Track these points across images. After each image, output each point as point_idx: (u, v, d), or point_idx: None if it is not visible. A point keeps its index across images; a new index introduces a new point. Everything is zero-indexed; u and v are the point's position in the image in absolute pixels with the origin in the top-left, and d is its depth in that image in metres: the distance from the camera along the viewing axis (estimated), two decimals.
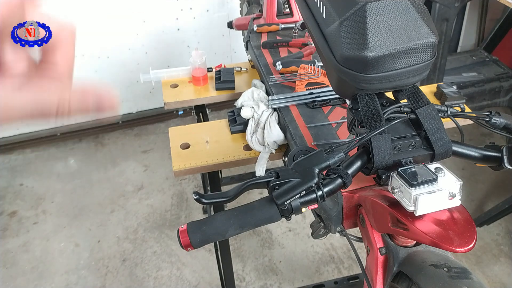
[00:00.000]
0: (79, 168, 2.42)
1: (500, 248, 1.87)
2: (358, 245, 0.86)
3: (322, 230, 0.91)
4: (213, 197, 0.65)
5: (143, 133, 2.65)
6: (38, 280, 1.85)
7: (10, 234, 2.06)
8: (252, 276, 1.82)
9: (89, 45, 2.41)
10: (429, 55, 0.68)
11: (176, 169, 1.16)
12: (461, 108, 0.81)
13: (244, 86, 1.47)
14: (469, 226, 0.62)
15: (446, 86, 1.31)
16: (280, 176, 0.63)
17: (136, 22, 2.42)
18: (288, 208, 0.62)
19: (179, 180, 2.29)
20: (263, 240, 1.96)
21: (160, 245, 1.96)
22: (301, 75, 1.25)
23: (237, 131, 1.26)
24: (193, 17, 2.51)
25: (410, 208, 0.62)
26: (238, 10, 2.28)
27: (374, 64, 0.66)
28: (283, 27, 1.57)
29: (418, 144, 0.69)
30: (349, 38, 0.67)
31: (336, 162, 0.65)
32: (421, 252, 0.74)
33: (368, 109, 0.70)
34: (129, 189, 2.26)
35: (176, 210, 2.14)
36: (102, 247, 1.97)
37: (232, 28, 1.83)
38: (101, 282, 1.83)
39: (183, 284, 1.81)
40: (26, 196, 2.26)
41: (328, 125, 1.10)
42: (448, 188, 0.63)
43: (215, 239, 0.63)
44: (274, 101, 1.20)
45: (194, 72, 1.49)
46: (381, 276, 0.79)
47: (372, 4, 0.65)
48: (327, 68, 0.79)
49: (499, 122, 0.72)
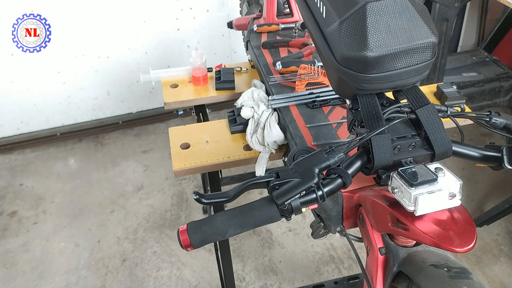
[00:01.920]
0: (79, 168, 2.42)
1: (500, 248, 1.87)
2: (358, 245, 0.86)
3: (322, 230, 0.91)
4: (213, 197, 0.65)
5: (143, 133, 2.65)
6: (38, 280, 1.85)
7: (10, 234, 2.06)
8: (252, 276, 1.82)
9: (89, 45, 2.41)
10: (429, 55, 0.68)
11: (176, 169, 1.16)
12: (461, 108, 0.81)
13: (244, 86, 1.47)
14: (469, 226, 0.62)
15: (446, 86, 1.31)
16: (280, 176, 0.63)
17: (136, 22, 2.42)
18: (288, 208, 0.62)
19: (179, 180, 2.29)
20: (263, 240, 1.96)
21: (160, 245, 1.96)
22: (301, 75, 1.25)
23: (237, 131, 1.26)
24: (193, 17, 2.51)
25: (410, 208, 0.62)
26: (238, 10, 2.28)
27: (374, 64, 0.66)
28: (283, 27, 1.57)
29: (418, 144, 0.69)
30: (349, 38, 0.67)
31: (336, 162, 0.65)
32: (421, 252, 0.74)
33: (368, 109, 0.70)
34: (129, 189, 2.26)
35: (176, 210, 2.14)
36: (102, 247, 1.97)
37: (232, 28, 1.83)
38: (101, 282, 1.83)
39: (183, 284, 1.81)
40: (26, 196, 2.26)
41: (328, 125, 1.10)
42: (448, 188, 0.63)
43: (215, 239, 0.63)
44: (274, 101, 1.20)
45: (194, 72, 1.49)
46: (381, 276, 0.79)
47: (372, 4, 0.65)
48: (327, 68, 0.79)
49: (499, 122, 0.72)
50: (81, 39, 2.38)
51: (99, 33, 2.39)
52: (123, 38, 2.45)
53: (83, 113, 2.61)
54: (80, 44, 2.40)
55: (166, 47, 2.54)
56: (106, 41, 2.43)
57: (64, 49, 2.37)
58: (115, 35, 2.43)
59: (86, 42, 2.39)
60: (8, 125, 2.53)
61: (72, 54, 2.41)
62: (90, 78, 2.52)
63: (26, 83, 2.41)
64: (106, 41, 2.43)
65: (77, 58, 2.43)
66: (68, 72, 2.46)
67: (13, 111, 2.48)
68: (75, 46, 2.39)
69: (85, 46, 2.41)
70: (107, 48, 2.46)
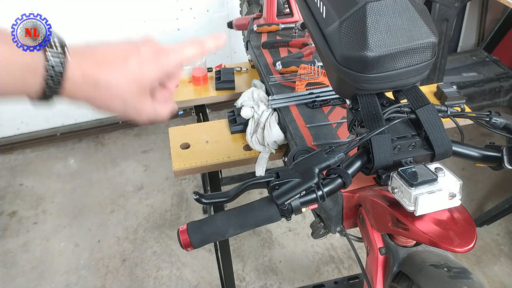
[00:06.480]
0: (79, 168, 2.42)
1: (500, 248, 1.87)
2: (358, 245, 0.86)
3: (322, 230, 0.91)
4: (213, 197, 0.65)
5: (143, 133, 2.65)
6: (38, 280, 1.85)
7: (10, 234, 2.06)
8: (252, 276, 1.82)
9: None
10: (429, 55, 0.68)
11: (176, 169, 1.16)
12: (461, 108, 0.81)
13: (244, 86, 1.47)
14: (469, 226, 0.62)
15: (446, 86, 1.31)
16: (280, 176, 0.63)
17: (136, 22, 2.42)
18: (288, 208, 0.62)
19: (179, 180, 2.29)
20: (263, 240, 1.96)
21: (160, 245, 1.96)
22: (301, 75, 1.25)
23: (237, 131, 1.26)
24: (193, 17, 2.51)
25: (410, 208, 0.62)
26: (238, 10, 2.28)
27: (374, 64, 0.66)
28: (283, 27, 1.57)
29: (418, 144, 0.69)
30: (349, 38, 0.67)
31: (336, 162, 0.65)
32: (421, 252, 0.74)
33: (368, 109, 0.70)
34: (129, 189, 2.26)
35: (176, 210, 2.14)
36: (102, 247, 1.97)
37: (232, 28, 1.83)
38: (101, 282, 1.83)
39: (183, 284, 1.81)
40: (26, 196, 2.26)
41: (328, 125, 1.10)
42: (448, 188, 0.63)
43: (215, 239, 0.63)
44: (274, 101, 1.20)
45: (194, 72, 1.49)
46: (381, 276, 0.79)
47: (372, 4, 0.65)
48: (327, 68, 0.79)
49: (499, 122, 0.72)
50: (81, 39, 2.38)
51: (99, 33, 2.39)
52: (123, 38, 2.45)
53: (83, 113, 2.60)
54: None
55: None
56: None
57: None
58: (115, 35, 2.43)
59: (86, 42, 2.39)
60: (8, 125, 2.52)
61: None
62: None
63: None
64: None
65: None
66: None
67: (13, 111, 2.48)
68: None
69: None
70: None
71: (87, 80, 0.47)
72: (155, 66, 0.51)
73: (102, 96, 0.49)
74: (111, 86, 0.48)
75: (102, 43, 0.51)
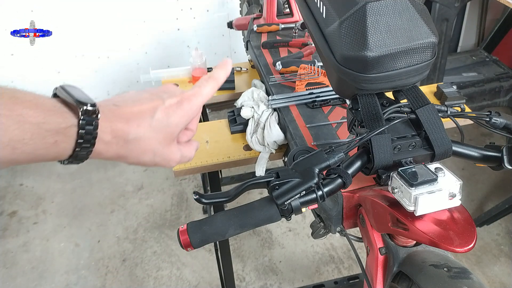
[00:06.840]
0: (79, 168, 2.42)
1: (500, 248, 1.87)
2: (358, 245, 0.86)
3: (322, 230, 0.91)
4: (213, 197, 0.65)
5: None
6: (38, 280, 1.85)
7: (10, 234, 2.06)
8: (252, 276, 1.82)
9: (89, 45, 2.41)
10: (429, 55, 0.68)
11: (176, 169, 1.16)
12: (461, 108, 0.80)
13: (244, 86, 1.47)
14: (469, 226, 0.62)
15: (446, 86, 1.31)
16: (280, 176, 0.63)
17: (136, 22, 2.42)
18: (288, 208, 0.62)
19: (179, 180, 2.29)
20: (263, 240, 1.96)
21: (160, 245, 1.96)
22: (301, 75, 1.25)
23: (237, 131, 1.26)
24: (193, 17, 2.51)
25: (410, 208, 0.62)
26: (238, 10, 2.28)
27: (374, 64, 0.66)
28: (283, 27, 1.57)
29: (418, 144, 0.69)
30: (349, 38, 0.67)
31: (336, 162, 0.65)
32: (421, 252, 0.74)
33: (368, 109, 0.70)
34: (129, 189, 2.26)
35: (176, 210, 2.14)
36: (102, 247, 1.97)
37: (232, 28, 1.83)
38: (101, 282, 1.83)
39: (183, 284, 1.81)
40: (26, 196, 2.26)
41: (328, 125, 1.10)
42: (448, 188, 0.63)
43: (215, 239, 0.62)
44: (274, 101, 1.20)
45: (194, 72, 1.49)
46: (381, 276, 0.78)
47: (372, 4, 0.65)
48: (327, 68, 0.79)
49: (499, 122, 0.72)
50: (81, 39, 2.38)
51: (99, 33, 2.39)
52: (123, 38, 2.45)
53: None
54: (80, 44, 2.40)
55: (166, 47, 2.55)
56: (106, 41, 2.43)
57: (64, 49, 2.38)
58: (115, 35, 2.43)
59: (86, 42, 2.39)
60: None
61: (72, 54, 2.41)
62: (90, 78, 2.52)
63: (26, 83, 2.41)
64: (106, 41, 2.43)
65: (77, 58, 2.43)
66: (68, 72, 2.46)
67: None
68: (75, 46, 2.39)
69: (85, 46, 2.41)
70: (107, 48, 2.46)
71: (117, 138, 0.47)
72: (181, 114, 0.52)
73: (132, 151, 0.49)
74: (140, 140, 0.49)
75: (126, 98, 0.50)
